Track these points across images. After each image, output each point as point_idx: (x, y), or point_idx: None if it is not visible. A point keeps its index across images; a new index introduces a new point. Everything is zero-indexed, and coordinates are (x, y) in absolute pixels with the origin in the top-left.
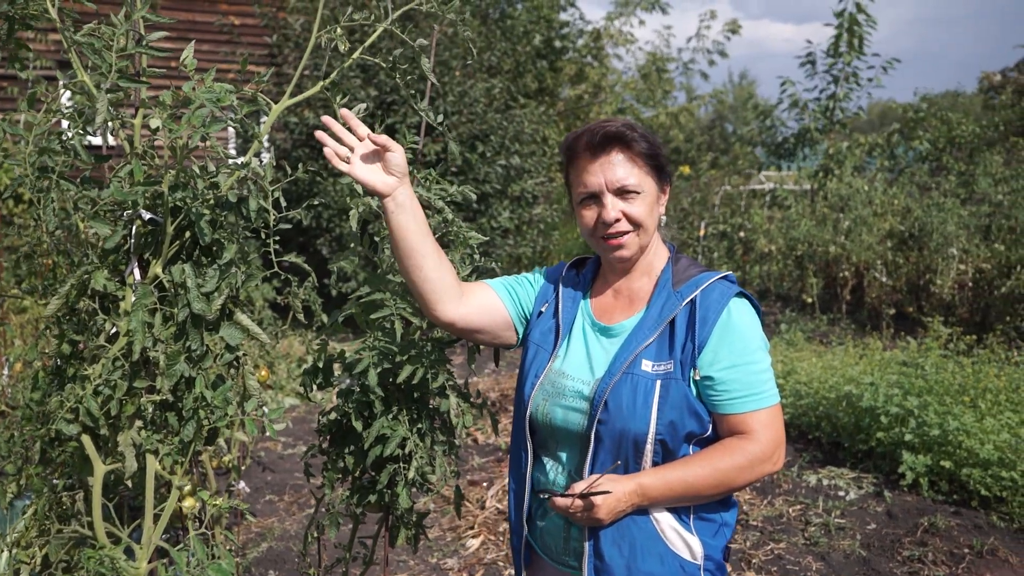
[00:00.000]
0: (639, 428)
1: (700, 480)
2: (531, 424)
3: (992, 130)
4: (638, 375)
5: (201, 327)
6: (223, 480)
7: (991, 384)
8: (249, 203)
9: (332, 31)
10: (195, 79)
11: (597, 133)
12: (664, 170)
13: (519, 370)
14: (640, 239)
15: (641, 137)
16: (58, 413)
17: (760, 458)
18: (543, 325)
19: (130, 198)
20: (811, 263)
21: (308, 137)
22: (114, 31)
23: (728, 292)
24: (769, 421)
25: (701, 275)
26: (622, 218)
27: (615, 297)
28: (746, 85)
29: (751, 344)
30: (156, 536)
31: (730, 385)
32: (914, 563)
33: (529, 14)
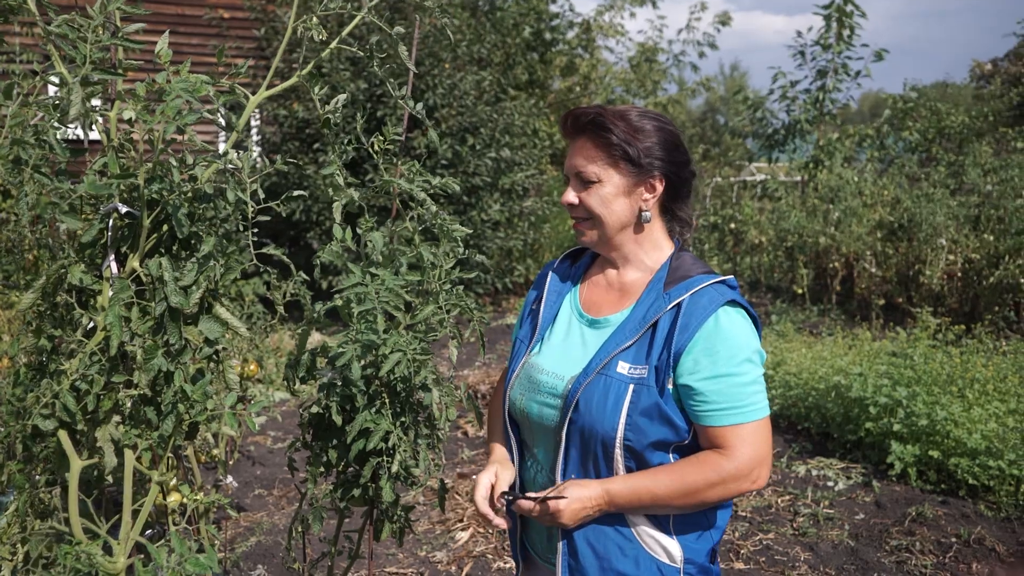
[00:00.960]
0: (607, 431)
1: (667, 492)
2: (512, 419)
3: (982, 120)
4: (612, 377)
5: (179, 321)
6: (211, 475)
7: (979, 374)
8: (227, 195)
9: (307, 20)
10: (171, 70)
11: (569, 117)
12: (640, 161)
13: None
14: (598, 230)
15: (610, 127)
16: (35, 409)
17: (734, 475)
18: (528, 323)
19: (104, 191)
20: (801, 254)
21: (298, 130)
22: (89, 22)
23: (718, 299)
24: (750, 437)
25: (695, 278)
26: (577, 204)
27: (607, 288)
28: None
29: (737, 355)
30: (135, 532)
31: (709, 396)
32: (902, 553)
33: (519, 6)
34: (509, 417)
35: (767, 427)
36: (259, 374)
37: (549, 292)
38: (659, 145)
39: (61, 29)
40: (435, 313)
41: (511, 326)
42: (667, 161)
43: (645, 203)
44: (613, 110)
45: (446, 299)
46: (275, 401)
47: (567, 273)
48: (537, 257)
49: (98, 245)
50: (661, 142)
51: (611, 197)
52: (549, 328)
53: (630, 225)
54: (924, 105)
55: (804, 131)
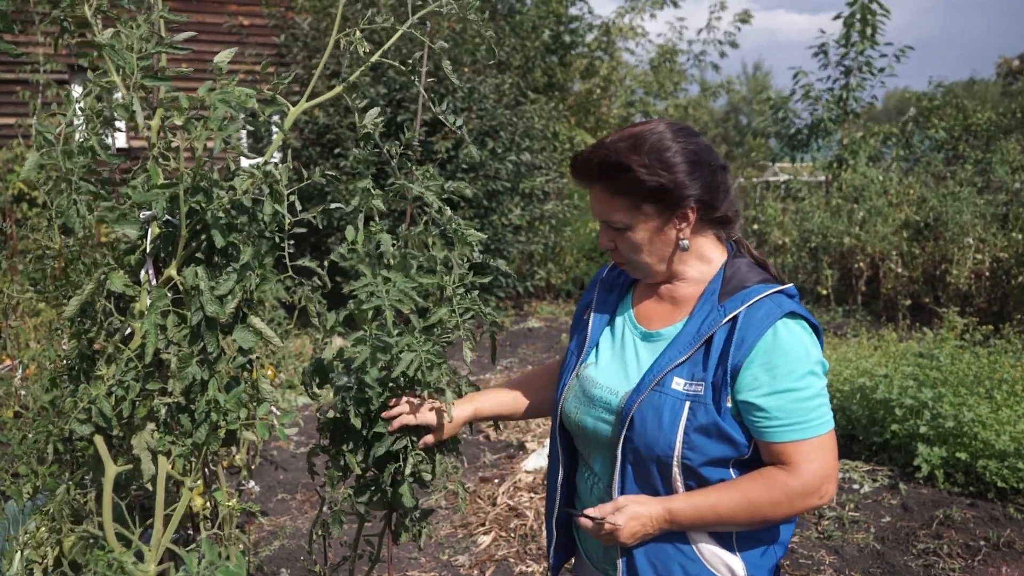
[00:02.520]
0: (663, 449)
1: (731, 511)
2: (565, 429)
3: (1009, 117)
4: (667, 394)
5: (215, 330)
6: (233, 479)
7: (1007, 375)
8: (264, 207)
9: (351, 34)
10: (220, 82)
11: (574, 166)
12: (664, 196)
13: None
14: (639, 269)
15: (630, 166)
16: (72, 413)
17: (800, 493)
18: (580, 332)
19: (150, 200)
20: (826, 255)
21: (319, 135)
22: (135, 32)
23: (775, 312)
24: (815, 453)
25: (751, 289)
26: (615, 248)
27: (658, 300)
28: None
29: (798, 369)
30: (166, 538)
31: (771, 412)
32: (929, 556)
33: (538, 9)
34: (561, 427)
35: (832, 441)
36: (279, 379)
37: (598, 302)
38: (685, 171)
39: (111, 40)
40: (449, 316)
41: (533, 330)
42: (696, 185)
43: (681, 232)
44: (626, 142)
45: (460, 303)
46: (298, 405)
47: (616, 282)
48: (558, 261)
49: (137, 253)
50: (687, 165)
51: (644, 241)
52: (601, 339)
53: (672, 255)
54: (950, 103)
55: (828, 130)
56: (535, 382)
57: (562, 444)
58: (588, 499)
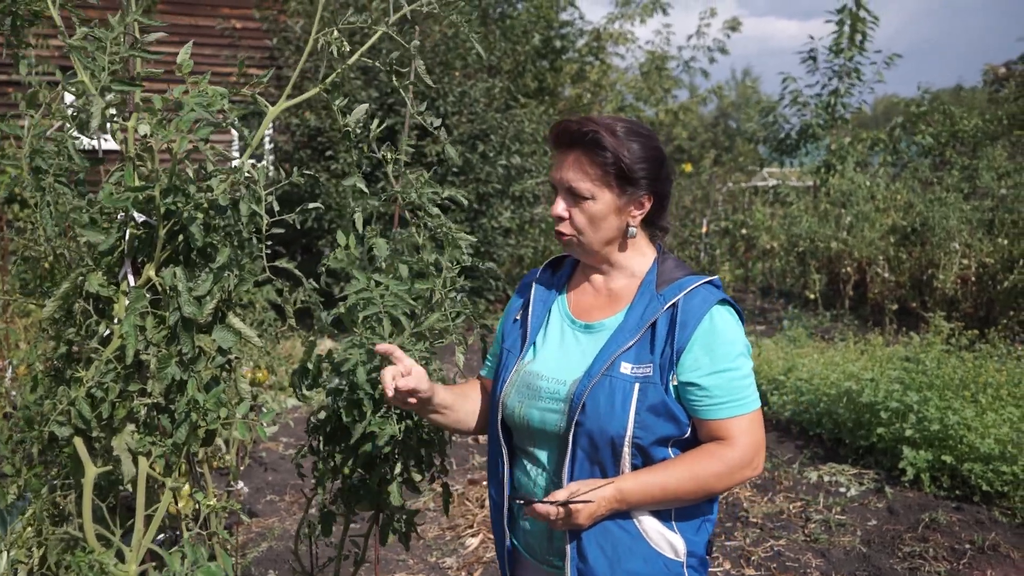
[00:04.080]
0: (616, 430)
1: (679, 486)
2: (507, 426)
3: (995, 124)
4: (617, 377)
5: (192, 330)
6: (222, 480)
7: (992, 379)
8: (241, 207)
9: (329, 34)
10: (189, 82)
11: (562, 130)
12: (634, 180)
13: (494, 376)
14: (584, 244)
15: (606, 145)
16: (51, 415)
17: (740, 464)
18: (515, 331)
19: (121, 204)
20: (813, 259)
21: (309, 139)
22: (108, 34)
23: (710, 298)
24: (749, 427)
25: (685, 279)
26: (566, 217)
27: (595, 294)
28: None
29: (732, 350)
30: (147, 539)
31: (711, 391)
32: (915, 559)
33: (529, 14)
34: (502, 424)
35: (760, 417)
36: (270, 381)
37: (535, 301)
38: (649, 164)
39: (81, 42)
40: (440, 320)
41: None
42: (655, 179)
43: (633, 219)
44: (606, 125)
45: (451, 306)
46: (287, 408)
47: (550, 281)
48: None
49: (115, 253)
50: (651, 160)
51: (601, 215)
52: (539, 335)
53: (617, 239)
54: (937, 109)
55: (816, 136)
56: (469, 393)
57: (503, 443)
58: (532, 491)
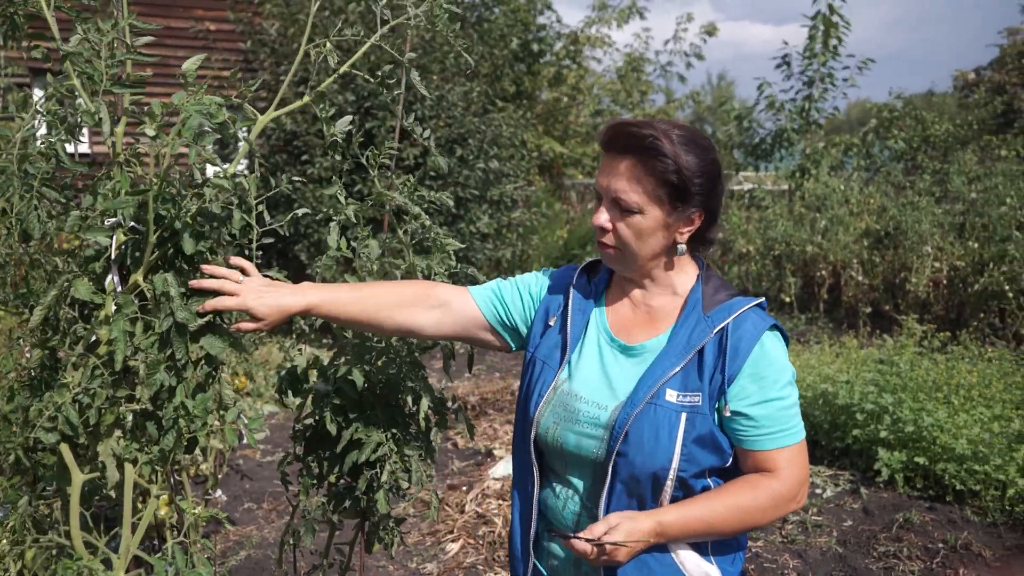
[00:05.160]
0: (661, 464)
1: (721, 520)
2: (538, 445)
3: (966, 129)
4: (662, 406)
5: (186, 336)
6: (199, 489)
7: (964, 380)
8: (233, 218)
9: (321, 45)
10: (189, 89)
11: (617, 134)
12: (687, 196)
13: (522, 385)
14: (627, 259)
15: (666, 153)
16: (37, 421)
17: (785, 497)
18: (550, 340)
19: (119, 208)
20: (789, 263)
21: (286, 143)
22: (102, 39)
23: (761, 324)
24: (795, 458)
25: (734, 301)
26: (610, 229)
27: (633, 311)
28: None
29: (781, 379)
30: (134, 545)
31: (759, 421)
32: (890, 559)
33: (506, 18)
34: (534, 442)
35: (805, 447)
36: (248, 387)
37: (573, 310)
38: (705, 179)
39: (77, 47)
40: None
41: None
42: (710, 195)
43: (681, 236)
44: (664, 131)
45: None
46: (264, 414)
47: (587, 289)
48: (526, 268)
49: (102, 259)
50: (707, 175)
51: (649, 231)
52: (577, 350)
53: (662, 255)
54: (909, 114)
55: (791, 140)
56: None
57: (535, 460)
58: (560, 516)
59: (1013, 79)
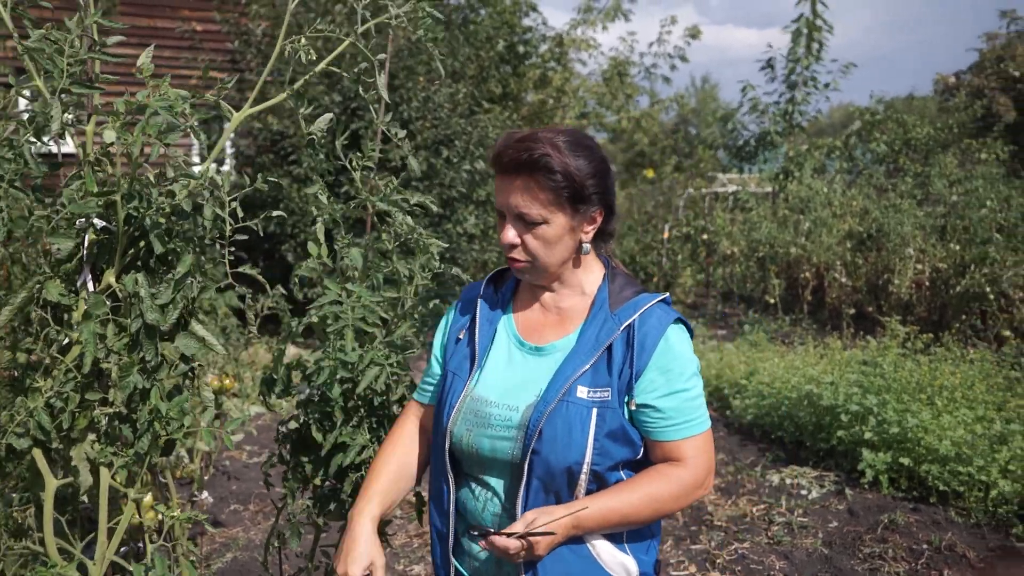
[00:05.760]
0: (575, 458)
1: (635, 510)
2: (453, 453)
3: (946, 132)
4: (574, 402)
5: (155, 338)
6: (186, 490)
7: (947, 382)
8: (204, 212)
9: (297, 42)
10: (151, 85)
11: (505, 155)
12: (586, 198)
13: (437, 398)
14: (539, 270)
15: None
16: (9, 427)
17: (694, 485)
18: (460, 352)
19: (84, 210)
20: (773, 264)
21: (272, 143)
22: (66, 36)
23: (666, 318)
24: (702, 447)
25: (639, 298)
26: (519, 244)
27: (544, 314)
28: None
29: (687, 371)
30: (110, 551)
31: (667, 413)
32: (875, 560)
33: (492, 20)
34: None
35: (711, 437)
36: (235, 388)
37: (481, 321)
38: (598, 178)
39: (38, 43)
40: (412, 327)
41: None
42: (605, 192)
43: (586, 235)
44: (550, 141)
45: (422, 311)
46: (250, 415)
47: (494, 298)
48: None
49: (74, 260)
50: (599, 174)
51: (556, 238)
52: (486, 358)
53: (570, 258)
54: (891, 117)
55: (774, 143)
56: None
57: (450, 469)
58: (480, 518)
59: (992, 83)
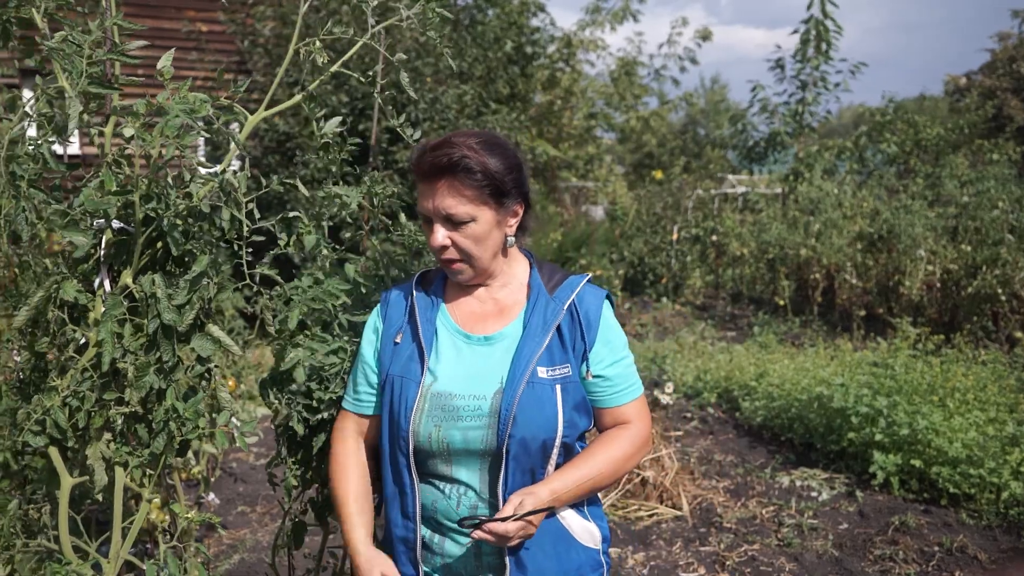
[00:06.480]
0: (548, 435)
1: (601, 475)
2: (419, 454)
3: (957, 133)
4: (537, 383)
5: (172, 338)
6: (192, 491)
7: (959, 383)
8: (222, 213)
9: (311, 44)
10: (171, 88)
11: (425, 161)
12: (507, 192)
13: (384, 407)
14: (474, 267)
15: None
16: (25, 425)
17: (643, 443)
18: (402, 354)
19: (102, 207)
20: (782, 266)
21: (279, 144)
22: (86, 37)
23: (600, 294)
24: (642, 408)
25: (571, 279)
26: (450, 245)
27: (480, 306)
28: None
29: (622, 340)
30: (124, 550)
31: (614, 380)
32: (885, 562)
33: (500, 20)
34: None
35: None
36: (238, 390)
37: (423, 320)
38: (515, 172)
39: (59, 44)
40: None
41: None
42: (521, 185)
43: (510, 228)
44: (465, 144)
45: None
46: (258, 417)
47: (426, 299)
48: None
49: (91, 261)
50: (514, 168)
51: (484, 234)
52: (434, 354)
53: (499, 252)
54: (901, 118)
55: (784, 144)
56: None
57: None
58: (453, 514)
59: (1004, 84)
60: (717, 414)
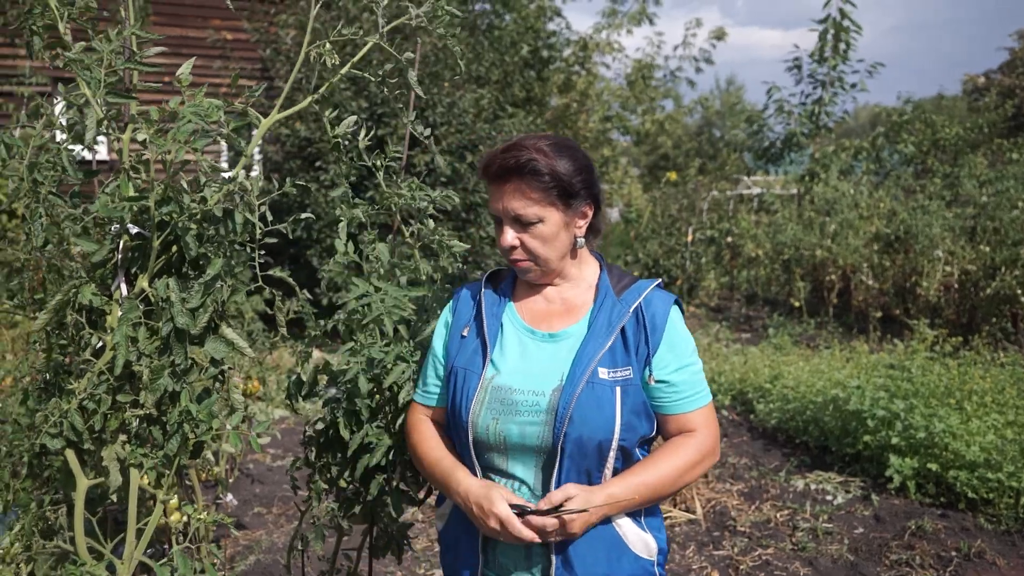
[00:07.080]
0: (604, 436)
1: (662, 482)
2: (477, 446)
3: (976, 132)
4: (597, 383)
5: (185, 341)
6: (211, 492)
7: (977, 386)
8: (235, 217)
9: (321, 46)
10: (186, 94)
11: (494, 164)
12: (575, 194)
13: (448, 399)
14: (542, 267)
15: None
16: (43, 427)
17: (708, 452)
18: (468, 348)
19: (116, 214)
20: (798, 267)
21: (300, 149)
22: (105, 46)
23: (668, 299)
24: (710, 416)
25: (639, 283)
26: (518, 246)
27: (548, 305)
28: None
29: (690, 347)
30: (139, 551)
31: (679, 387)
32: (902, 567)
33: (517, 25)
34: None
35: (714, 407)
36: (259, 392)
37: (488, 316)
38: (584, 173)
39: (79, 55)
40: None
41: None
42: (591, 186)
43: (579, 230)
44: (534, 146)
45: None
46: (275, 419)
47: (495, 296)
48: None
49: (108, 265)
50: (584, 169)
51: (552, 235)
52: (498, 348)
53: (568, 252)
54: (919, 118)
55: (800, 144)
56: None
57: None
58: None
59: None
60: (731, 416)
